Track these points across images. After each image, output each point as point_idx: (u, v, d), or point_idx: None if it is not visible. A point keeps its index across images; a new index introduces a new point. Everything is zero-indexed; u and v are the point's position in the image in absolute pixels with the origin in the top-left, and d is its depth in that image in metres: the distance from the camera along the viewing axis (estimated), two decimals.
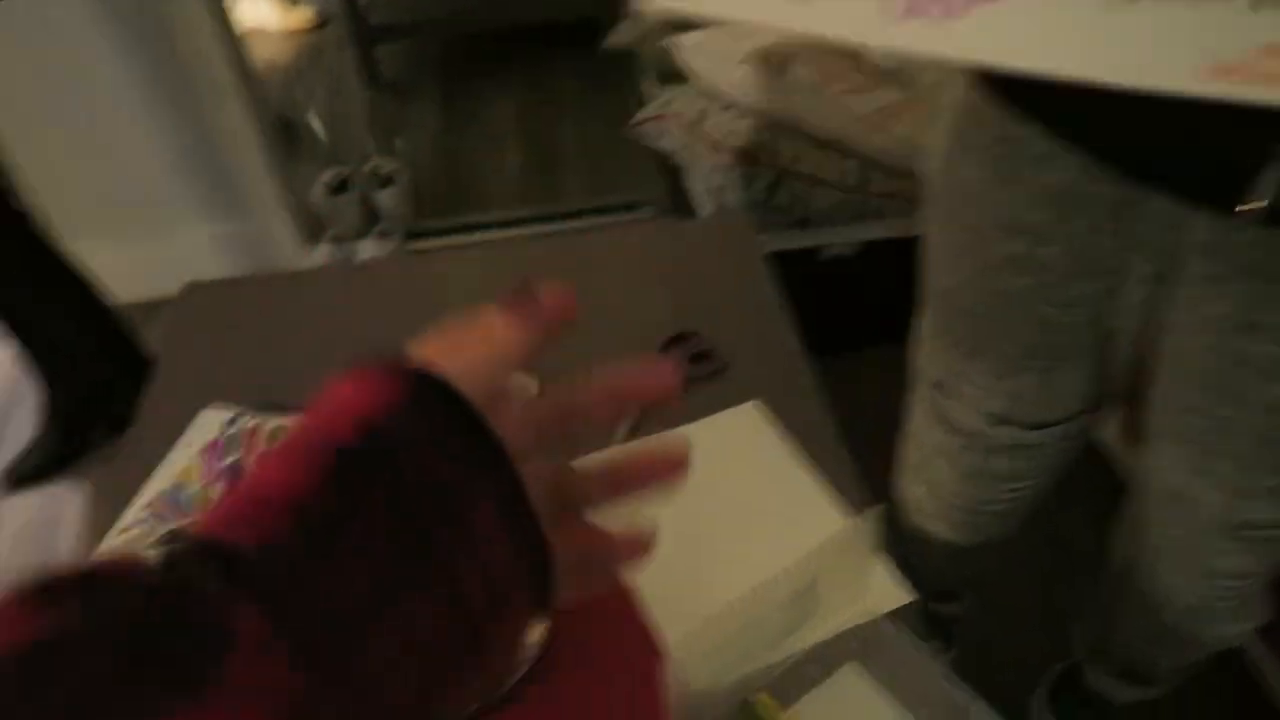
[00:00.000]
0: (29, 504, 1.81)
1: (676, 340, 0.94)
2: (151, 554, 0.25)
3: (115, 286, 1.78)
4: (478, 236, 2.34)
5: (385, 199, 2.33)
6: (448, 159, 2.65)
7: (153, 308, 2.12)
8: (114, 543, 0.80)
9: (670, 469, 0.33)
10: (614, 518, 0.33)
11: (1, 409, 2.00)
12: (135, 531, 0.80)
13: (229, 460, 0.86)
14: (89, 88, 1.91)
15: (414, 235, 2.30)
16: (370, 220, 2.34)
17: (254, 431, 0.89)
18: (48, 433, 1.85)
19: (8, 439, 1.92)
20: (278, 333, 1.01)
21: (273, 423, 0.89)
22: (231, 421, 0.90)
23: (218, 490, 0.84)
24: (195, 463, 0.86)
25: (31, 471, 1.84)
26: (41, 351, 1.75)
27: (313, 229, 2.28)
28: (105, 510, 0.82)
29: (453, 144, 2.72)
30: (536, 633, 0.67)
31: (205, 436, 0.89)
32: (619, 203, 2.35)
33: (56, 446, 1.84)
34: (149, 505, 0.83)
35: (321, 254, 2.14)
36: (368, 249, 2.17)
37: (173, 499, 0.83)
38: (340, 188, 2.35)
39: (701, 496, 0.77)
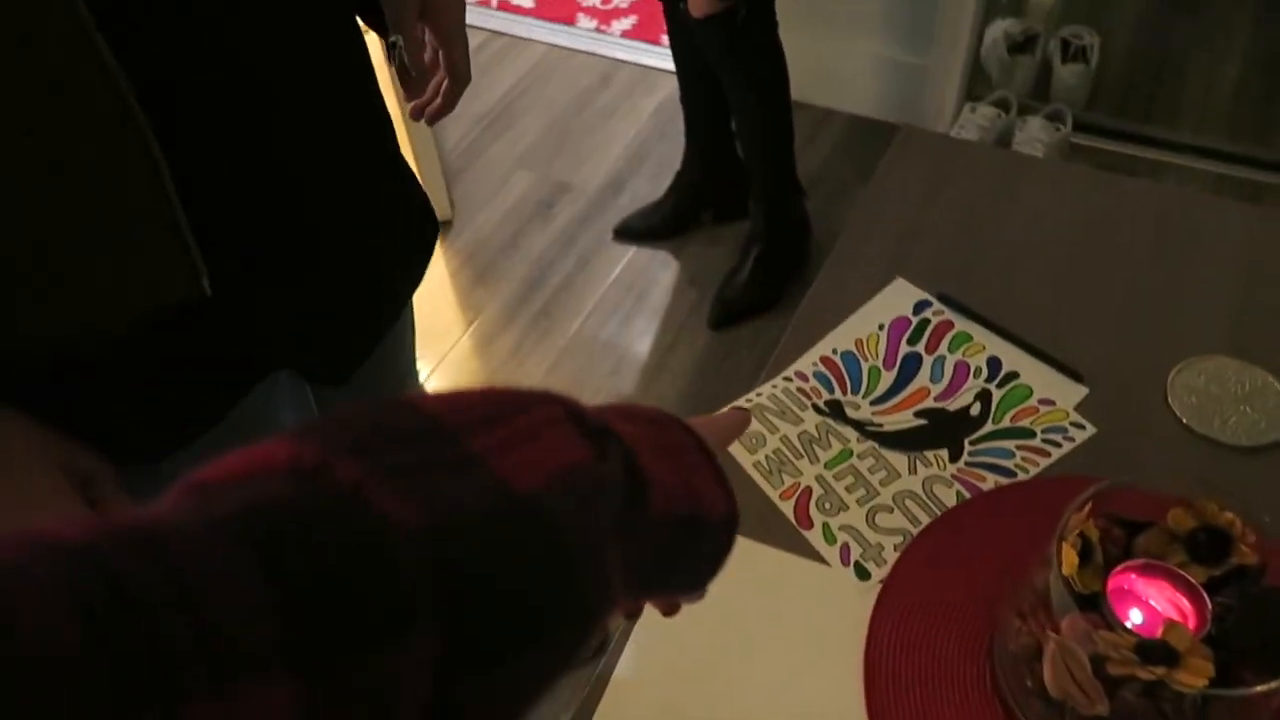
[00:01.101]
0: (625, 254, 2.00)
1: None
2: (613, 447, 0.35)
3: None
4: (1156, 155, 2.07)
5: (1067, 75, 2.13)
6: (1151, 50, 2.34)
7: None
8: (779, 385, 0.81)
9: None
10: None
11: (628, 162, 2.21)
12: (805, 385, 0.80)
13: (908, 349, 0.82)
14: None
15: (1084, 127, 2.08)
16: (1040, 93, 2.16)
17: (940, 330, 0.83)
18: (664, 201, 2.00)
19: (626, 192, 2.13)
20: (975, 210, 0.94)
21: (959, 325, 0.83)
22: (921, 306, 0.85)
23: (887, 378, 0.80)
24: (878, 336, 0.84)
25: (637, 231, 2.02)
26: (697, 126, 1.88)
27: (976, 84, 2.16)
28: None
29: (1162, 34, 2.39)
30: None
31: (894, 311, 0.85)
32: None
33: (668, 218, 2.00)
34: (823, 360, 0.82)
35: (980, 116, 2.02)
36: (1030, 130, 2.00)
37: (847, 365, 0.82)
38: (1022, 46, 2.18)
39: None
